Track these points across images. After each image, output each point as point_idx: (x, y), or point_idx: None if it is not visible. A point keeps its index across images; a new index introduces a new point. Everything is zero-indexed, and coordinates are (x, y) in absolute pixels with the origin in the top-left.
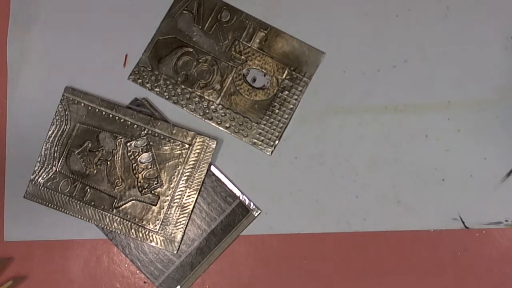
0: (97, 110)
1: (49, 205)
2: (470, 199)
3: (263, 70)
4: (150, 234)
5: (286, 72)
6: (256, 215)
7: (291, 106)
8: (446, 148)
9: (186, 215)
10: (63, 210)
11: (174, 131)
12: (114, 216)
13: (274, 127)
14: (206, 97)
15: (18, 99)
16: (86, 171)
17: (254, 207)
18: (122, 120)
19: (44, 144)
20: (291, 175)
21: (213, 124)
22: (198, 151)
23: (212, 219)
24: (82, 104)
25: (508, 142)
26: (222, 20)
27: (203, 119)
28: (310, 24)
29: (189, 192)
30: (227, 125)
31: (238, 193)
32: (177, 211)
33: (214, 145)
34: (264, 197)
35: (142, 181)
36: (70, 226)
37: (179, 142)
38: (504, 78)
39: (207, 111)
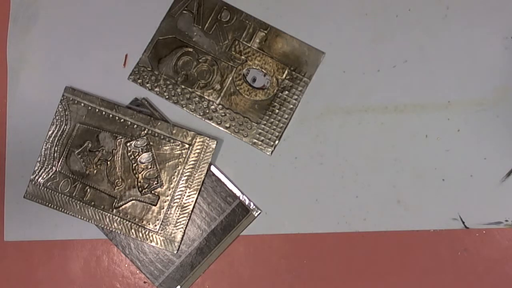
0: (97, 110)
1: (49, 205)
2: (470, 199)
3: (263, 70)
4: (150, 234)
5: (286, 72)
6: (256, 215)
7: (291, 106)
8: (446, 148)
9: (186, 215)
10: (63, 210)
11: (174, 131)
12: (114, 216)
13: (274, 127)
14: (206, 97)
15: (18, 99)
16: (86, 171)
17: (254, 207)
18: (122, 120)
19: (44, 144)
20: (291, 175)
21: (213, 124)
22: (198, 151)
23: (212, 219)
24: (82, 104)
25: (508, 142)
26: (222, 20)
27: (203, 119)
28: (310, 24)
29: (189, 192)
30: (227, 125)
31: (238, 193)
32: (177, 211)
33: (214, 145)
34: (264, 197)
35: (142, 181)
36: (70, 226)
37: (179, 142)
38: (504, 78)
39: (207, 111)
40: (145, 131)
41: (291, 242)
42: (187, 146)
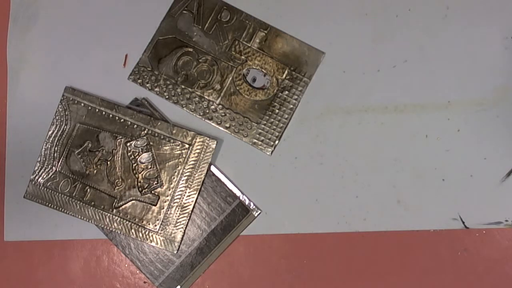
0: (97, 110)
1: (49, 205)
2: (470, 199)
3: (263, 70)
4: (150, 234)
5: (286, 72)
6: (256, 215)
7: (291, 106)
8: (446, 148)
9: (186, 215)
10: (63, 210)
11: (174, 131)
12: (114, 216)
13: (274, 127)
14: (206, 97)
15: (18, 99)
16: (86, 171)
17: (254, 207)
18: (122, 120)
19: (44, 144)
20: (291, 175)
21: (213, 124)
22: (198, 151)
23: (212, 219)
24: (82, 104)
25: (508, 142)
26: (222, 20)
27: (203, 119)
28: (310, 24)
29: (189, 192)
30: (227, 125)
31: (238, 193)
32: (177, 211)
33: (214, 145)
34: (264, 197)
35: (142, 181)
36: (70, 226)
37: (179, 142)
38: (504, 78)
39: (207, 111)
40: (145, 131)
41: (291, 242)
42: (187, 146)
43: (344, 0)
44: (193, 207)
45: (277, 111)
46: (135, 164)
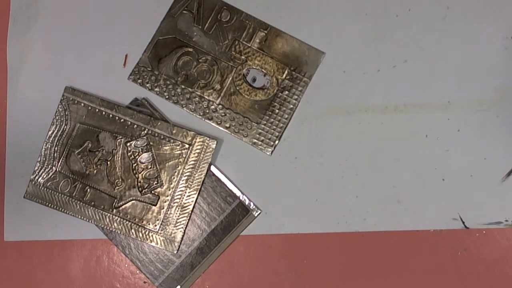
0: (97, 110)
1: (49, 205)
2: (470, 199)
3: (263, 70)
4: (150, 234)
5: (286, 72)
6: (256, 215)
7: (291, 106)
8: (446, 148)
9: (186, 215)
10: (63, 210)
11: (174, 131)
12: (114, 216)
13: (274, 127)
14: (206, 97)
15: (18, 99)
16: (86, 171)
17: (254, 207)
18: (122, 120)
19: (44, 144)
20: (291, 175)
21: (213, 124)
22: (198, 151)
23: (212, 219)
24: (82, 104)
25: (508, 142)
26: (222, 20)
27: (203, 119)
28: (310, 24)
29: (189, 192)
30: (227, 125)
31: (238, 193)
32: (177, 211)
33: (214, 145)
34: (264, 197)
35: (142, 181)
36: (70, 226)
37: (179, 142)
38: (504, 78)
39: (207, 111)
40: (145, 131)
41: (291, 242)
42: (187, 146)
43: (344, 0)
44: (193, 207)
45: (277, 111)
46: (135, 164)
